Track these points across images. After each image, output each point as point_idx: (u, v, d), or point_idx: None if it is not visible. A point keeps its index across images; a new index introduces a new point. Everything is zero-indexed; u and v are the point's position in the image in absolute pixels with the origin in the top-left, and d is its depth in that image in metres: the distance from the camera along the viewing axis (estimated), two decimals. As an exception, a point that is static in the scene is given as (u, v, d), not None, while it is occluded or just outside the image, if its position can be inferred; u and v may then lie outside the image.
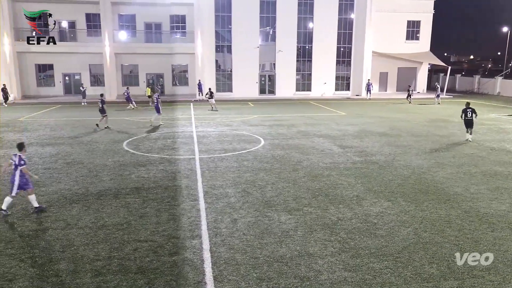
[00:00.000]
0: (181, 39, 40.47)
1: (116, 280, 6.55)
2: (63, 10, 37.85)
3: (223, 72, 41.29)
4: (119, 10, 38.97)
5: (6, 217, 9.14)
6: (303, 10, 40.63)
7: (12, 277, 6.64)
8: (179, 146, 16.92)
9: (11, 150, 15.88)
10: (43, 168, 13.34)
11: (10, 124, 22.74)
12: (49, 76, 39.84)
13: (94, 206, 9.89)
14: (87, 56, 38.78)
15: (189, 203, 10.09)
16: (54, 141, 17.93)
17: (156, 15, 39.23)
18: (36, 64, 39.05)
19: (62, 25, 38.92)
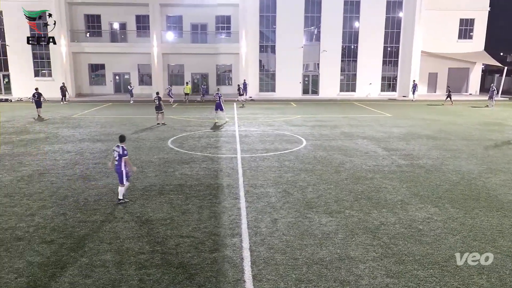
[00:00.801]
0: (225, 40, 41.04)
1: (158, 273, 6.75)
2: (116, 12, 39.57)
3: (267, 72, 41.42)
4: (167, 11, 40.13)
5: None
6: (349, 9, 39.90)
7: (63, 265, 7.02)
8: (222, 145, 17.16)
9: (65, 145, 16.83)
10: (93, 163, 14.00)
11: (65, 121, 24.07)
12: (101, 76, 41.74)
13: (140, 201, 10.24)
14: (136, 56, 40.26)
15: (230, 202, 10.21)
16: (104, 137, 18.77)
17: (202, 16, 40.03)
18: (89, 64, 41.05)
19: (113, 26, 40.68)
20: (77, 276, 6.66)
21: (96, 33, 40.68)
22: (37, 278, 6.57)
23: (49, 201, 10.18)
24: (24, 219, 9.04)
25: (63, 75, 38.09)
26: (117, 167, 9.94)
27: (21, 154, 15.25)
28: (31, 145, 16.96)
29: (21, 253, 7.44)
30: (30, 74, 38.79)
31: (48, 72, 39.28)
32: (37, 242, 7.88)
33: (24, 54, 38.31)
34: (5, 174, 12.56)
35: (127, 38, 40.70)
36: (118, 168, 9.94)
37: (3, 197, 10.44)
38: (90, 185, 11.54)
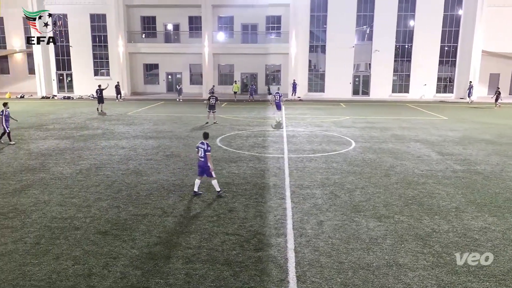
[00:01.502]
0: (275, 40, 41.12)
1: (204, 269, 6.90)
2: (170, 13, 40.92)
3: (316, 72, 40.98)
4: (219, 12, 40.88)
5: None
6: (404, 7, 38.49)
7: (116, 255, 7.37)
8: (269, 145, 17.21)
9: (120, 141, 17.65)
10: (146, 159, 14.56)
11: (120, 118, 25.26)
12: (154, 75, 43.34)
13: (188, 197, 10.52)
14: (188, 56, 41.39)
15: (276, 201, 10.22)
16: (156, 134, 19.48)
17: (253, 16, 40.37)
18: (144, 63, 42.76)
19: (167, 27, 42.08)
20: (128, 266, 6.96)
21: (151, 34, 42.31)
22: (92, 266, 6.95)
23: (104, 194, 10.73)
24: (81, 210, 9.60)
25: (120, 74, 39.97)
26: (203, 162, 10.34)
27: (80, 149, 16.19)
28: (89, 140, 17.96)
29: (78, 241, 7.91)
30: (90, 73, 41.09)
31: (106, 71, 41.39)
32: (92, 232, 8.34)
33: (86, 54, 40.64)
34: (66, 167, 13.40)
35: (180, 39, 41.94)
36: (205, 164, 10.34)
37: (63, 189, 11.15)
38: (142, 180, 12.02)
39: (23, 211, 9.50)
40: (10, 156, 14.89)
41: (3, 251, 7.49)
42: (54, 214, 9.29)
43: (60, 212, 9.45)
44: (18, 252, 7.46)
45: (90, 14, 39.86)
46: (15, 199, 10.28)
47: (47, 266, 6.93)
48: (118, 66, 40.23)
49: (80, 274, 6.71)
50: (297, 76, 38.88)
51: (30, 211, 9.47)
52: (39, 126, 21.70)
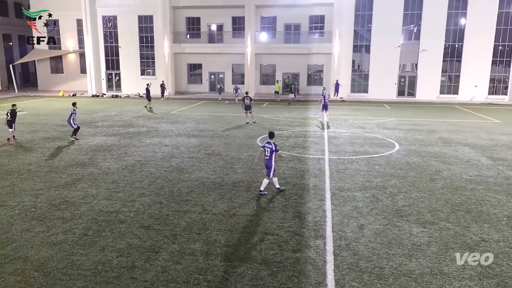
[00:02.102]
0: (318, 39, 40.70)
1: (242, 267, 6.95)
2: (214, 14, 41.60)
3: (360, 73, 40.15)
4: (262, 12, 41.03)
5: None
6: (455, 5, 36.82)
7: (157, 249, 7.60)
8: (310, 145, 17.07)
9: (163, 139, 18.16)
10: (188, 157, 14.89)
11: (164, 116, 25.99)
12: (198, 75, 44.21)
13: (228, 196, 10.65)
14: (230, 57, 41.87)
15: (315, 203, 10.12)
16: (198, 133, 19.87)
17: (296, 16, 40.20)
18: (188, 63, 43.73)
19: (211, 28, 42.79)
20: (168, 261, 7.15)
21: (195, 34, 43.21)
22: (134, 259, 7.21)
23: (148, 190, 11.09)
24: (126, 204, 9.98)
25: (165, 74, 41.12)
26: (268, 161, 10.53)
27: (126, 145, 16.82)
28: (135, 137, 18.62)
29: (123, 234, 8.22)
30: (137, 73, 42.57)
31: (152, 71, 42.71)
32: (136, 226, 8.64)
33: (133, 54, 42.14)
34: (113, 163, 13.97)
35: (223, 39, 42.52)
36: (269, 163, 10.51)
37: (110, 183, 11.63)
38: (184, 177, 12.30)
39: (73, 203, 10.01)
40: (63, 151, 15.73)
41: (54, 240, 7.93)
42: (101, 207, 9.71)
43: (107, 205, 9.87)
44: (68, 242, 7.87)
45: (138, 15, 41.28)
46: (66, 192, 10.85)
47: (93, 257, 7.26)
48: (163, 66, 41.39)
49: (123, 266, 6.97)
50: (339, 76, 38.28)
51: (79, 204, 9.97)
52: (89, 123, 22.77)
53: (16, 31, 50.74)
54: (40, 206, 9.82)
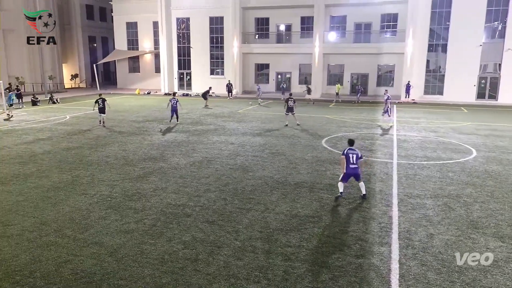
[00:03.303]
0: (390, 39, 39.14)
1: (302, 268, 6.90)
2: (282, 14, 41.73)
3: (434, 73, 37.91)
4: (331, 12, 40.36)
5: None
6: (548, 0, 33.37)
7: (220, 244, 7.80)
8: (377, 149, 16.48)
9: (229, 137, 18.59)
10: (252, 156, 15.10)
11: (231, 115, 26.60)
12: (265, 74, 44.64)
13: (291, 196, 10.63)
14: (298, 56, 41.74)
15: (381, 208, 9.75)
16: (263, 132, 20.06)
17: (367, 15, 39.02)
18: (256, 63, 44.32)
19: (280, 28, 42.97)
20: (230, 257, 7.31)
21: (263, 35, 43.67)
22: (198, 252, 7.46)
23: (213, 186, 11.42)
24: (192, 199, 10.37)
25: (233, 73, 42.07)
26: (357, 169, 10.20)
27: (195, 142, 17.47)
28: (202, 135, 19.28)
29: (188, 228, 8.56)
30: (206, 73, 44.04)
31: (221, 70, 43.91)
32: (201, 221, 8.94)
33: (204, 54, 43.64)
34: (181, 159, 14.59)
35: (291, 39, 42.50)
36: (357, 170, 10.22)
37: (178, 178, 12.16)
38: (248, 175, 12.49)
39: (144, 195, 10.62)
40: (136, 146, 16.75)
41: (126, 228, 8.47)
42: (169, 201, 10.19)
43: (174, 199, 10.33)
44: (138, 231, 8.36)
45: (209, 17, 42.66)
46: (138, 184, 11.53)
47: (161, 247, 7.64)
48: (232, 66, 42.37)
49: (188, 258, 7.25)
50: (412, 77, 36.47)
51: (149, 196, 10.54)
52: (161, 119, 23.99)
53: (100, 33, 54.95)
54: (115, 196, 10.54)
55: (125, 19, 47.70)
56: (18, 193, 10.72)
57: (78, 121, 23.55)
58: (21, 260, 7.16)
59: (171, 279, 6.55)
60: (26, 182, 11.73)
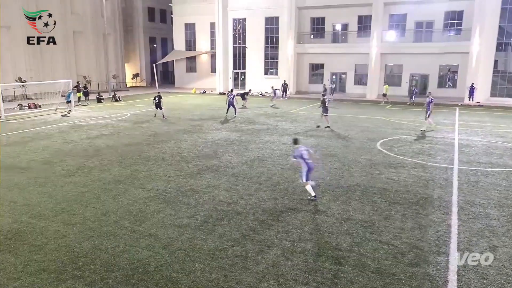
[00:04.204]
0: (454, 37, 37.09)
1: (352, 273, 6.74)
2: (339, 13, 40.99)
3: (503, 74, 35.36)
4: (390, 10, 38.99)
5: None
6: None
7: (270, 244, 7.82)
8: (437, 153, 15.68)
9: (282, 137, 18.58)
10: (304, 156, 14.97)
11: (284, 115, 26.57)
12: (319, 75, 44.11)
13: (342, 199, 10.42)
14: (354, 56, 40.79)
15: (439, 216, 9.27)
16: (316, 133, 19.83)
17: (429, 13, 37.24)
18: (310, 63, 43.92)
19: (336, 27, 42.23)
20: (279, 256, 7.31)
21: (319, 34, 43.17)
22: (248, 250, 7.54)
23: (264, 185, 11.48)
24: (243, 197, 10.49)
25: (287, 73, 42.00)
26: (311, 164, 10.39)
27: (247, 141, 17.67)
28: (255, 134, 19.44)
29: (239, 225, 8.67)
30: (260, 72, 44.35)
31: (275, 70, 44.01)
32: (251, 219, 9.02)
33: (258, 55, 43.98)
34: (234, 157, 14.82)
35: (347, 39, 41.63)
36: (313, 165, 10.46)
37: (230, 176, 12.36)
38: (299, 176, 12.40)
39: (197, 191, 10.91)
40: (191, 143, 17.24)
41: (180, 223, 8.76)
42: (220, 198, 10.39)
43: (226, 196, 10.51)
44: (191, 226, 8.61)
45: (265, 17, 42.90)
46: (192, 181, 11.87)
47: (212, 243, 7.82)
48: (286, 66, 42.32)
49: (237, 255, 7.35)
50: (477, 78, 34.26)
51: (202, 192, 10.82)
52: (215, 118, 24.53)
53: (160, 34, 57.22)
54: (170, 191, 10.94)
55: (184, 20, 49.26)
56: (83, 185, 11.46)
57: (137, 118, 24.70)
58: (83, 247, 7.65)
59: (221, 275, 6.67)
60: (89, 174, 12.51)
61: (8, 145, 16.79)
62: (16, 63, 37.57)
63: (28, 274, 6.70)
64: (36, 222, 8.81)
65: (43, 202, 10.04)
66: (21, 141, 17.73)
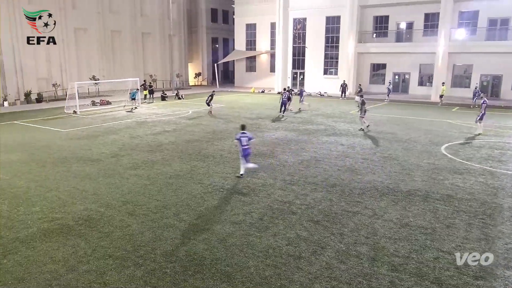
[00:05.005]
0: (533, 35, 34.05)
1: (410, 281, 6.46)
2: (404, 11, 39.28)
3: None
4: (461, 7, 36.66)
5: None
6: None
7: (324, 245, 7.72)
8: (508, 159, 14.52)
9: (339, 138, 18.22)
10: (362, 158, 14.57)
11: (342, 116, 26.01)
12: (380, 75, 42.62)
13: (402, 203, 10.00)
14: (419, 56, 38.90)
15: (509, 227, 8.58)
16: (375, 135, 19.20)
17: (505, 9, 34.51)
18: (371, 63, 42.56)
19: (400, 26, 40.55)
20: (333, 259, 7.19)
21: (381, 33, 41.70)
22: (301, 250, 7.49)
23: (320, 186, 11.33)
24: (299, 197, 10.44)
25: (347, 73, 41.06)
26: (248, 150, 11.98)
27: (304, 141, 17.54)
28: (312, 134, 19.23)
29: (293, 225, 8.64)
30: (320, 72, 43.76)
31: (335, 70, 43.21)
32: (306, 219, 8.96)
33: (318, 54, 43.43)
34: (290, 156, 14.78)
35: (412, 38, 39.80)
36: (249, 150, 11.99)
37: (286, 175, 12.35)
38: (356, 178, 12.11)
39: (253, 189, 11.03)
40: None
41: (235, 220, 8.91)
42: (276, 197, 10.42)
43: (281, 195, 10.52)
44: (246, 223, 8.73)
45: (326, 16, 42.25)
46: (248, 178, 12.02)
47: (265, 241, 7.87)
48: (346, 66, 41.39)
49: (291, 254, 7.34)
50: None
51: (258, 190, 10.92)
52: (272, 117, 24.61)
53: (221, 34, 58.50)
54: (227, 188, 11.16)
55: (245, 21, 49.93)
56: (146, 178, 12.06)
57: (198, 116, 25.48)
58: (145, 237, 8.05)
59: (273, 273, 6.70)
60: (152, 168, 13.13)
61: (82, 139, 18.09)
62: (91, 62, 40.32)
63: (96, 259, 7.19)
64: (104, 211, 9.42)
65: (111, 193, 10.70)
66: (93, 135, 19.02)
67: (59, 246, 7.66)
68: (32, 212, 9.35)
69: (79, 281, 6.48)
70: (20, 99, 32.62)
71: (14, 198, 10.29)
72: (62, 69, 37.45)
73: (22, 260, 7.16)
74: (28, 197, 10.35)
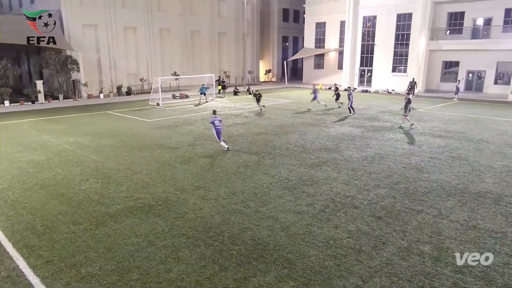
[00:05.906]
0: None
1: (476, 285, 6.00)
2: (482, 7, 35.98)
3: None
4: (548, 0, 32.69)
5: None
6: None
7: (385, 241, 7.43)
8: None
9: (405, 136, 17.29)
10: (429, 157, 13.71)
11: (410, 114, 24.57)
12: (452, 73, 39.57)
13: (470, 205, 9.27)
14: (496, 53, 35.45)
15: None
16: (444, 134, 17.93)
17: None
18: (443, 61, 39.64)
19: (476, 22, 37.23)
20: (394, 255, 6.89)
21: (456, 30, 38.61)
22: (362, 244, 7.27)
23: (384, 182, 10.88)
24: (361, 192, 10.12)
25: (417, 71, 38.71)
26: (220, 128, 14.31)
27: (369, 138, 16.91)
28: (378, 131, 18.47)
29: (355, 219, 8.42)
30: (388, 70, 41.74)
31: (404, 68, 40.94)
32: (368, 214, 8.67)
33: (387, 52, 41.42)
34: (354, 152, 14.36)
35: (489, 34, 36.35)
36: (220, 129, 14.35)
37: (350, 170, 12.03)
38: (422, 176, 11.44)
39: (317, 181, 10.91)
40: (314, 136, 17.25)
41: (298, 209, 8.90)
42: (338, 190, 10.21)
43: (344, 189, 10.28)
44: (308, 213, 8.68)
45: (397, 14, 40.09)
46: (312, 171, 11.91)
47: (327, 232, 7.76)
48: (416, 63, 39.03)
49: (351, 247, 7.16)
50: None
51: (321, 183, 10.77)
52: (338, 114, 24.03)
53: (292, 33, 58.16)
54: (291, 179, 11.16)
55: (315, 19, 49.10)
56: (218, 166, 12.46)
57: (267, 110, 25.67)
58: (215, 220, 8.35)
59: (333, 264, 6.60)
60: (223, 157, 13.53)
61: (163, 128, 19.15)
62: (173, 60, 42.37)
63: (171, 236, 7.62)
64: (180, 194, 9.92)
65: (186, 178, 11.24)
66: (173, 125, 20.05)
67: (141, 223, 8.24)
68: (120, 191, 10.14)
69: (157, 255, 6.93)
70: (113, 92, 35.38)
71: (105, 178, 11.24)
72: (148, 65, 39.88)
73: (110, 232, 7.81)
74: (117, 178, 11.24)
